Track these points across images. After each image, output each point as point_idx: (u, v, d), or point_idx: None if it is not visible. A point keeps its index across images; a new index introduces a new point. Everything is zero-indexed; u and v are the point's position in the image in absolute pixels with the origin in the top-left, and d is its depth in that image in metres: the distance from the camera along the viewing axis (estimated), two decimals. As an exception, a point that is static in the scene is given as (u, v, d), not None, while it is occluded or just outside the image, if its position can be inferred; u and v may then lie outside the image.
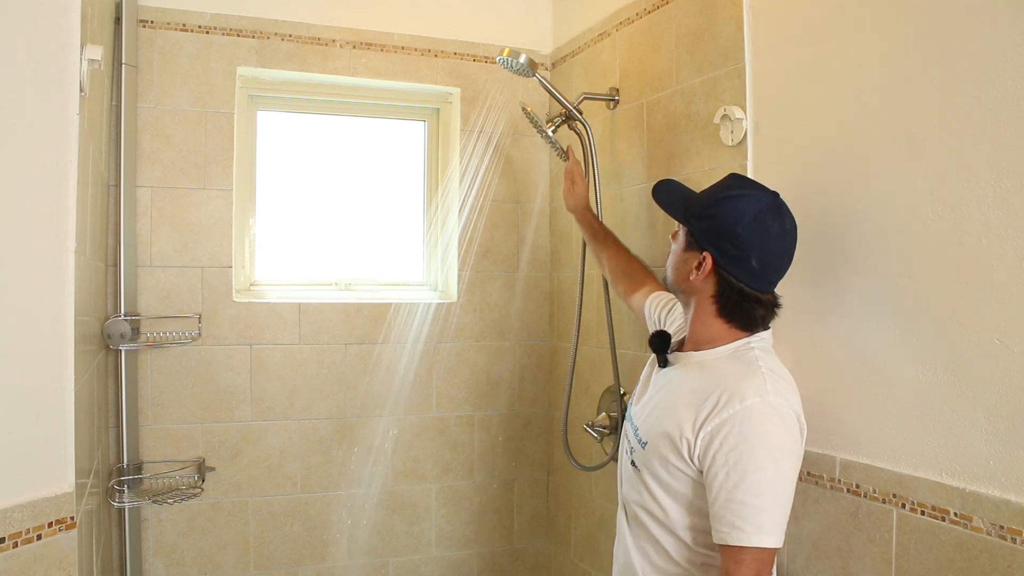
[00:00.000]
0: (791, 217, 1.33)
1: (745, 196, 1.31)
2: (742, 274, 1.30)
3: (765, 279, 1.32)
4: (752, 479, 1.20)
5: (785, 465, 1.24)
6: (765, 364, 1.29)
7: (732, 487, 1.21)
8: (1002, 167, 1.16)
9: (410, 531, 2.56)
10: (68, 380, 1.24)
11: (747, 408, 1.22)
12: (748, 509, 1.20)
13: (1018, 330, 1.13)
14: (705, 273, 1.32)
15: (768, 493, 1.21)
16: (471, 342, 2.61)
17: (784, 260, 1.33)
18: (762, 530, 1.20)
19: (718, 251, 1.30)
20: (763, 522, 1.20)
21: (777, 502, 1.23)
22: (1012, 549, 1.12)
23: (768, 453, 1.22)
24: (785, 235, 1.32)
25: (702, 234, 1.33)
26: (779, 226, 1.31)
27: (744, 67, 1.68)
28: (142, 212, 2.23)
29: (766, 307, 1.34)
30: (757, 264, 1.29)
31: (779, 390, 1.26)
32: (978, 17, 1.19)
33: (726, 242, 1.29)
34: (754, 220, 1.28)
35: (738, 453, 1.21)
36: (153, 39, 2.24)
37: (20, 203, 1.18)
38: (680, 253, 1.38)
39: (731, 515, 1.21)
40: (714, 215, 1.31)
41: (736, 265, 1.30)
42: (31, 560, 1.16)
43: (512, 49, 1.99)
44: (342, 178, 2.62)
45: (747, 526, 1.20)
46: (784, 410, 1.25)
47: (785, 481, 1.24)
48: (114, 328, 2.07)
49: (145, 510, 2.24)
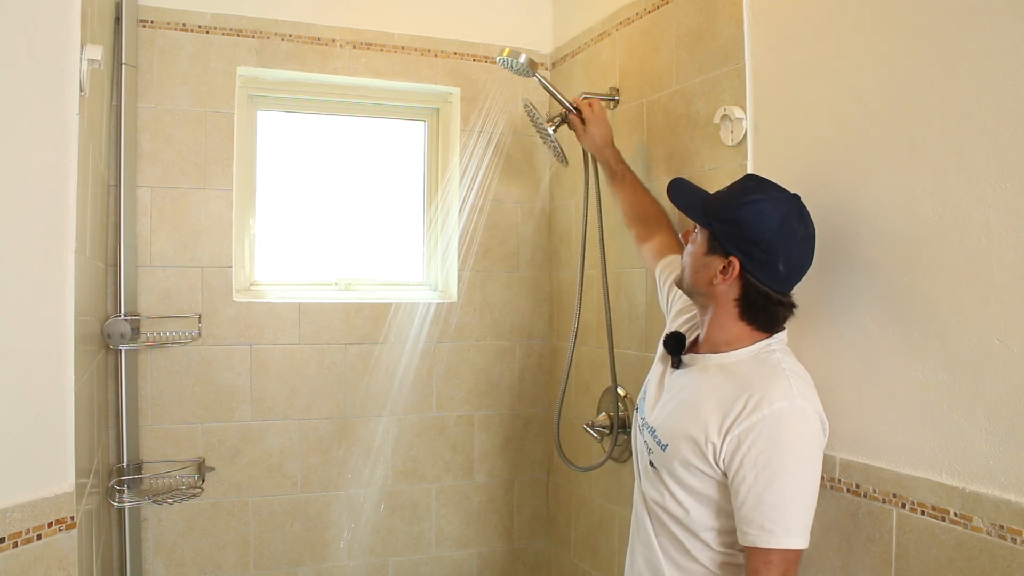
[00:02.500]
0: (811, 219, 1.35)
1: (768, 200, 1.31)
2: (769, 278, 1.31)
3: (789, 281, 1.34)
4: (781, 482, 1.22)
5: (811, 467, 1.26)
6: (788, 367, 1.31)
7: (761, 490, 1.23)
8: (1002, 167, 1.16)
9: (410, 531, 2.56)
10: (68, 380, 1.24)
11: (776, 412, 1.24)
12: (777, 511, 1.22)
13: (1018, 330, 1.13)
14: (731, 278, 1.32)
15: (796, 495, 1.23)
16: (471, 342, 2.61)
17: (807, 262, 1.35)
18: (790, 532, 1.22)
19: (745, 256, 1.30)
20: (791, 524, 1.22)
21: (804, 504, 1.25)
22: (1012, 549, 1.12)
23: (796, 456, 1.24)
24: (809, 238, 1.34)
25: (728, 238, 1.32)
26: (804, 230, 1.32)
27: (744, 67, 1.68)
28: (142, 212, 2.23)
29: (788, 308, 1.36)
30: (784, 268, 1.31)
31: (804, 393, 1.28)
32: (978, 17, 1.19)
33: (754, 247, 1.29)
34: (781, 225, 1.29)
35: (767, 457, 1.23)
36: (153, 39, 2.24)
37: (20, 203, 1.18)
38: (701, 256, 1.37)
39: (760, 517, 1.22)
40: (740, 220, 1.31)
41: (764, 270, 1.30)
42: (31, 560, 1.16)
43: (512, 49, 1.98)
44: (342, 178, 2.62)
45: (776, 528, 1.21)
46: (810, 413, 1.27)
47: (812, 483, 1.26)
48: (114, 328, 2.07)
49: (145, 510, 2.24)
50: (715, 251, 1.34)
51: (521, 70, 2.02)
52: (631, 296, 2.17)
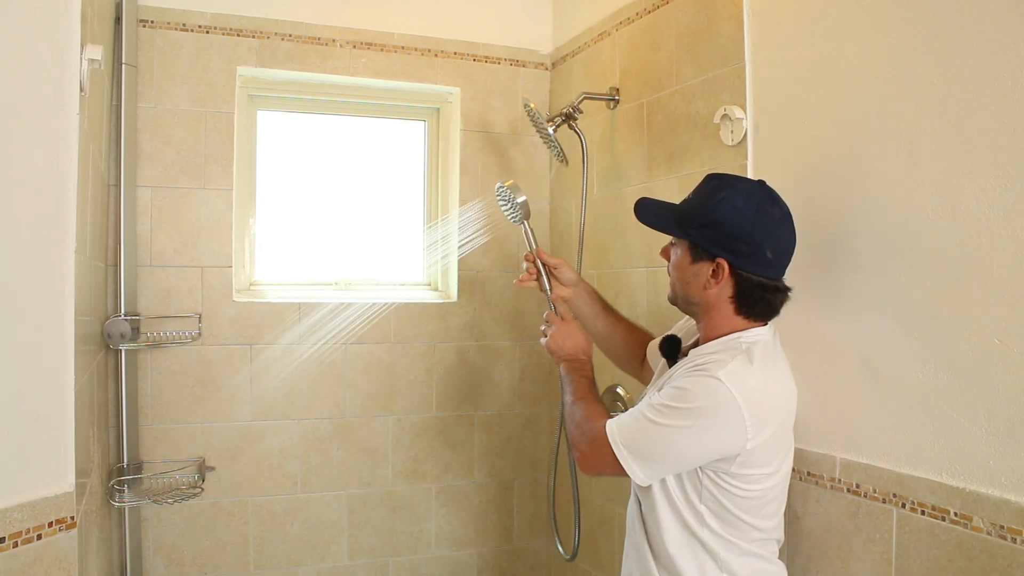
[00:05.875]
0: (782, 200, 1.36)
1: (737, 194, 1.32)
2: (760, 268, 1.32)
3: (780, 266, 1.35)
4: (656, 418, 1.28)
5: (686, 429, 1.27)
6: (751, 352, 1.31)
7: (645, 404, 1.32)
8: (1002, 167, 1.16)
9: (410, 531, 2.56)
10: (68, 380, 1.24)
11: (707, 374, 1.27)
12: (633, 420, 1.32)
13: (1018, 330, 1.13)
14: (723, 278, 1.33)
15: (655, 438, 1.29)
16: (471, 342, 2.61)
17: (791, 242, 1.36)
18: (627, 444, 1.31)
19: (731, 253, 1.31)
20: (632, 442, 1.30)
21: (653, 448, 1.30)
22: (1012, 549, 1.12)
23: (685, 411, 1.26)
24: (786, 219, 1.35)
25: (709, 242, 1.33)
26: (779, 212, 1.34)
27: (744, 67, 1.68)
28: (142, 212, 2.23)
29: (783, 293, 1.37)
30: (772, 254, 1.32)
31: (745, 379, 1.26)
32: (978, 17, 1.19)
33: (737, 242, 1.30)
34: (757, 214, 1.30)
35: (669, 393, 1.29)
36: (153, 39, 2.24)
37: (20, 203, 1.18)
38: (687, 267, 1.37)
39: (627, 413, 1.34)
40: (716, 221, 1.31)
41: (752, 261, 1.31)
42: (31, 560, 1.16)
43: (514, 183, 1.70)
44: (342, 178, 2.62)
45: (622, 419, 1.34)
46: (729, 398, 1.24)
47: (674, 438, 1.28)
48: (114, 328, 2.07)
49: (145, 510, 2.24)
50: (700, 258, 1.35)
51: (513, 210, 1.71)
52: (631, 296, 2.17)
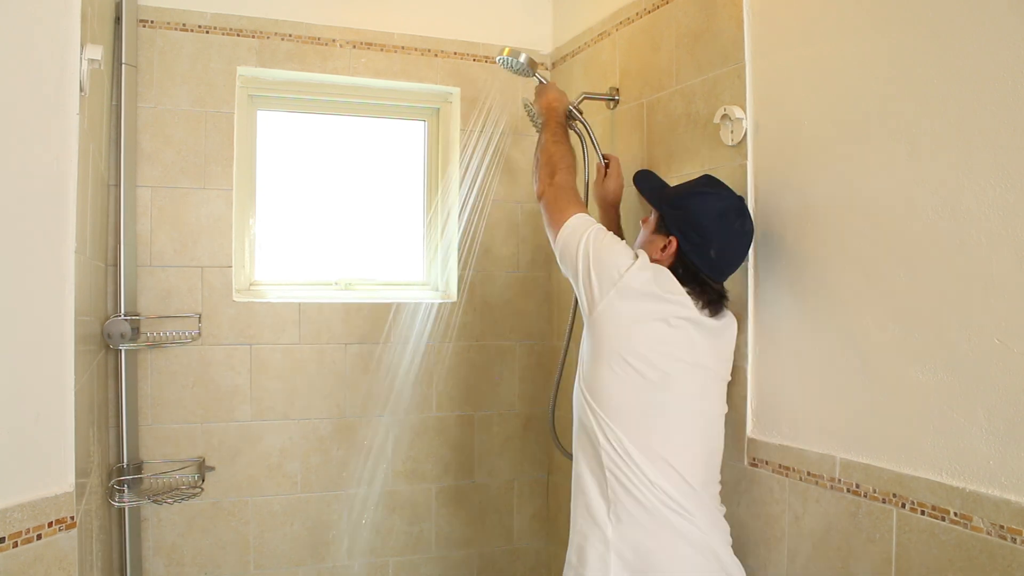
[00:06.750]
0: (751, 221, 1.54)
1: (714, 195, 1.52)
2: (700, 260, 1.49)
3: (719, 269, 1.51)
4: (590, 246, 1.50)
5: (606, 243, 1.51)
6: None
7: None
8: (1002, 167, 1.16)
9: (410, 531, 2.56)
10: (68, 380, 1.24)
11: None
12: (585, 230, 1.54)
13: (1018, 330, 1.13)
14: (669, 255, 1.51)
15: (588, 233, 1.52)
16: (471, 342, 2.61)
17: (738, 256, 1.54)
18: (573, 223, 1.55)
19: (683, 237, 1.50)
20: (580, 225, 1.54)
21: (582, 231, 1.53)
22: (1012, 549, 1.12)
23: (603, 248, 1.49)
24: (744, 235, 1.52)
25: (672, 221, 1.52)
26: (740, 226, 1.50)
27: (744, 67, 1.68)
28: (142, 212, 2.23)
29: (717, 293, 1.52)
30: (715, 255, 1.48)
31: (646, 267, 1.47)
32: (978, 17, 1.19)
33: (692, 231, 1.49)
34: (720, 216, 1.48)
35: None
36: (153, 39, 2.24)
37: (20, 203, 1.18)
38: (649, 235, 1.58)
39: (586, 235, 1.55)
40: (686, 206, 1.52)
41: (696, 252, 1.49)
42: (31, 560, 1.16)
43: (512, 48, 1.96)
44: (342, 178, 2.62)
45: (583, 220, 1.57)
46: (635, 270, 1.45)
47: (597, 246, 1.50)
48: (114, 328, 2.07)
49: (145, 510, 2.24)
50: (660, 231, 1.55)
51: (521, 70, 1.99)
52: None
